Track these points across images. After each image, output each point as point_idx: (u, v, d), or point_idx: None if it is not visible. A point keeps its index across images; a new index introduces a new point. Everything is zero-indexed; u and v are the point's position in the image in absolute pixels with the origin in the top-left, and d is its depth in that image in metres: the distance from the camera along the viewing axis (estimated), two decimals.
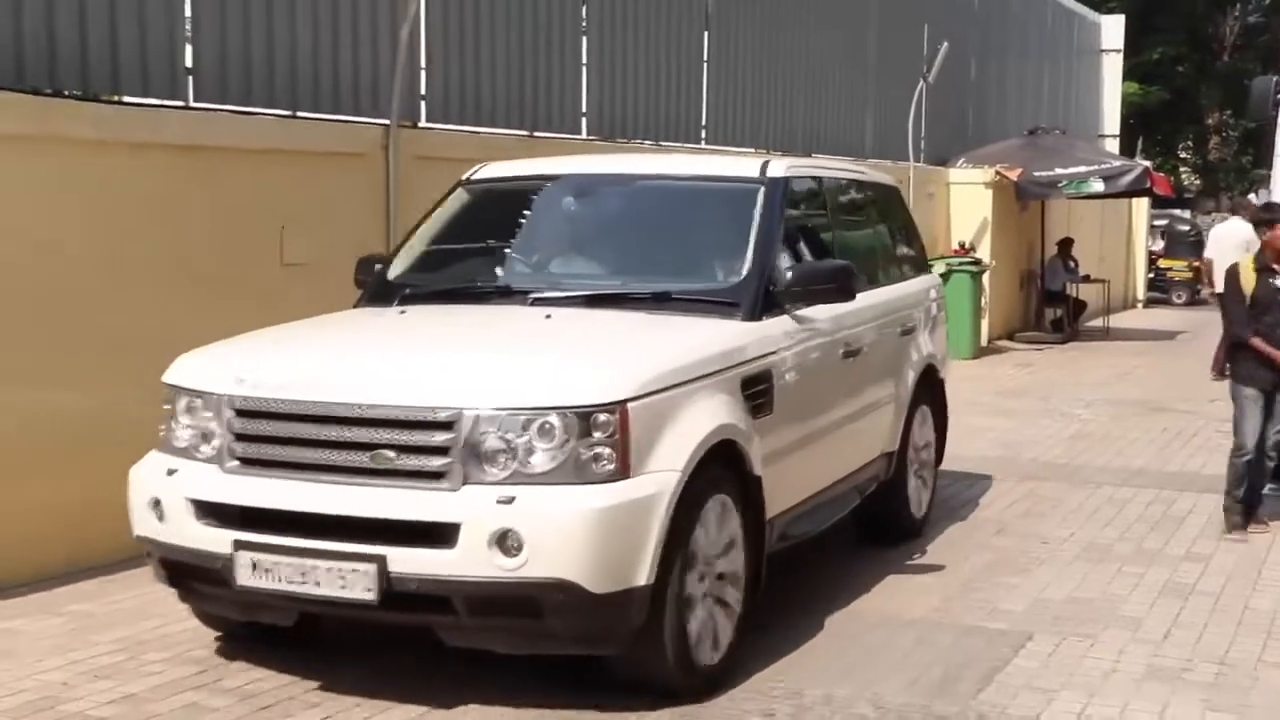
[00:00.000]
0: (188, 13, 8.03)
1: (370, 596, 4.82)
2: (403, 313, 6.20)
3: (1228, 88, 38.44)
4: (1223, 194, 39.78)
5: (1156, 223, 29.93)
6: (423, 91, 9.83)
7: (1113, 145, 27.00)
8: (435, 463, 4.89)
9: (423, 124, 9.78)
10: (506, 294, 6.34)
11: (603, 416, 4.87)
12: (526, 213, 7.04)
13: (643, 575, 4.85)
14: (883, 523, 7.74)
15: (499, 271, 6.68)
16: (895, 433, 7.58)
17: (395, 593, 4.80)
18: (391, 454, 4.92)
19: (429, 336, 5.90)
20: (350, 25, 9.20)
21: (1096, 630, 6.24)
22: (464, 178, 7.08)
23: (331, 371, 5.31)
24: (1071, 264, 20.72)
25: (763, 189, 6.49)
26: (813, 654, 5.82)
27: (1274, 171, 10.17)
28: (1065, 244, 20.74)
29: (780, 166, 6.80)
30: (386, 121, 8.93)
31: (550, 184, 7.16)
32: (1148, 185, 19.68)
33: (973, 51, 20.56)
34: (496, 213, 7.03)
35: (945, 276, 17.02)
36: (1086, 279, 21.27)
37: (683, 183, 7.05)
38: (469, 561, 4.74)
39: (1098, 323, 21.94)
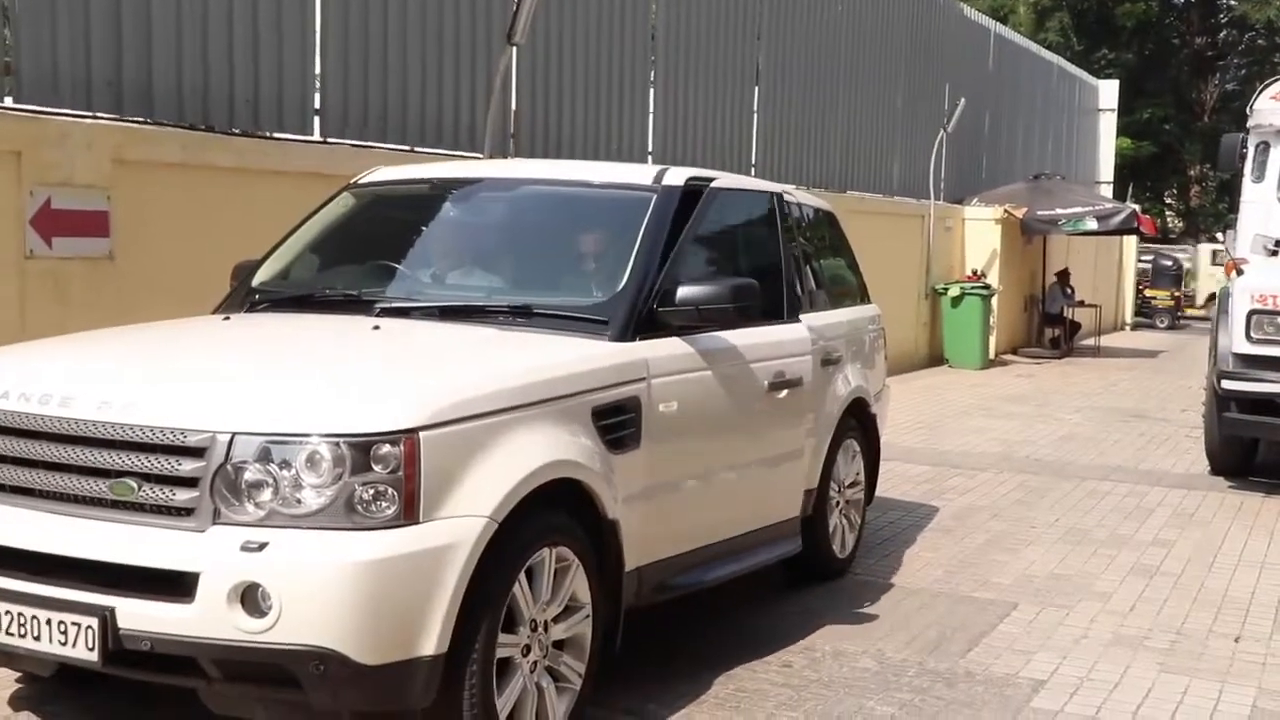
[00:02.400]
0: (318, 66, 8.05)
1: (92, 656, 3.43)
2: (225, 319, 4.83)
3: (1207, 144, 37.67)
4: (1201, 235, 39.15)
5: (1143, 258, 29.54)
6: (511, 130, 9.83)
7: (1107, 190, 26.65)
8: (181, 496, 3.47)
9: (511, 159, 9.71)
10: (355, 304, 4.79)
11: (384, 448, 3.43)
12: (406, 218, 5.52)
13: (430, 643, 3.46)
14: (802, 562, 6.01)
15: (357, 279, 5.13)
16: (815, 469, 5.85)
17: (126, 651, 3.42)
18: (133, 483, 3.52)
19: (217, 348, 4.37)
20: (453, 74, 9.24)
21: (1072, 602, 6.13)
22: (352, 181, 5.69)
23: (83, 383, 3.75)
24: (1068, 290, 20.47)
25: (654, 198, 4.97)
26: (829, 615, 5.76)
27: (1240, 216, 9.96)
28: (1063, 274, 20.51)
29: (678, 175, 5.19)
30: (479, 155, 8.92)
31: (435, 189, 5.60)
32: (1136, 225, 19.43)
33: (987, 107, 20.34)
34: (375, 218, 5.54)
35: (959, 299, 16.91)
36: (1081, 304, 21.01)
37: (571, 189, 5.38)
38: (209, 620, 3.36)
39: (1090, 342, 21.63)
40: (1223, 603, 6.23)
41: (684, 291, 4.65)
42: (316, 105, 8.18)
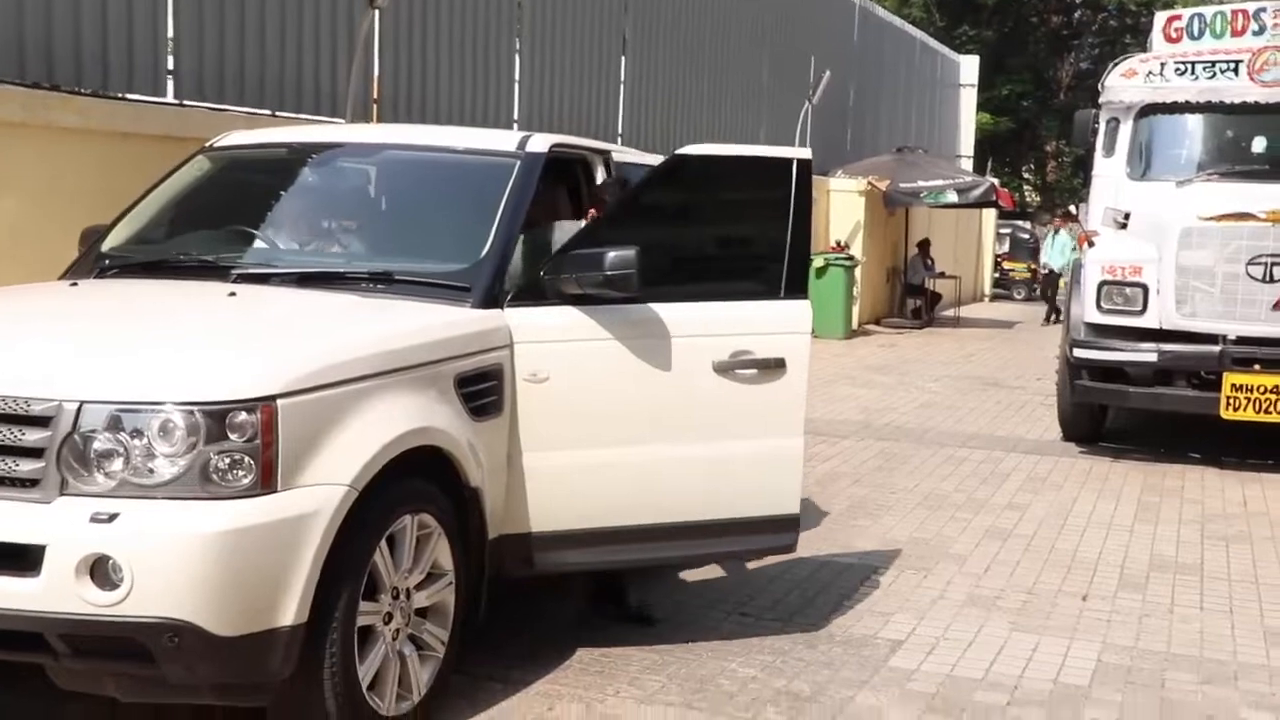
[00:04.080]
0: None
1: None
2: (73, 285, 4.65)
3: (1063, 121, 38.81)
4: (1057, 208, 40.36)
5: (1002, 230, 30.32)
6: (374, 95, 9.68)
7: (967, 164, 27.29)
8: (25, 467, 3.37)
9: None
10: (210, 270, 4.64)
11: (241, 415, 3.37)
12: (263, 183, 5.36)
13: (288, 614, 3.42)
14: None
15: (212, 245, 4.96)
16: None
17: None
18: None
19: (66, 314, 4.19)
20: (314, 37, 9.06)
21: (930, 565, 6.30)
22: (207, 144, 5.47)
23: None
24: (929, 262, 20.92)
25: (518, 164, 4.84)
26: (694, 580, 5.82)
27: (1092, 190, 10.29)
28: (924, 245, 20.95)
29: (542, 142, 5.03)
30: (340, 120, 8.78)
31: (293, 153, 5.44)
32: (994, 199, 20.02)
33: (851, 80, 20.65)
34: (232, 182, 5.34)
35: (823, 270, 17.17)
36: (942, 275, 21.50)
37: (433, 155, 5.23)
38: (55, 594, 3.26)
39: (950, 312, 22.16)
40: (1072, 563, 6.46)
41: (565, 260, 4.51)
42: (170, 66, 7.95)
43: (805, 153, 5.00)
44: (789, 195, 4.85)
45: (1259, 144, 9.77)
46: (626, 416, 4.63)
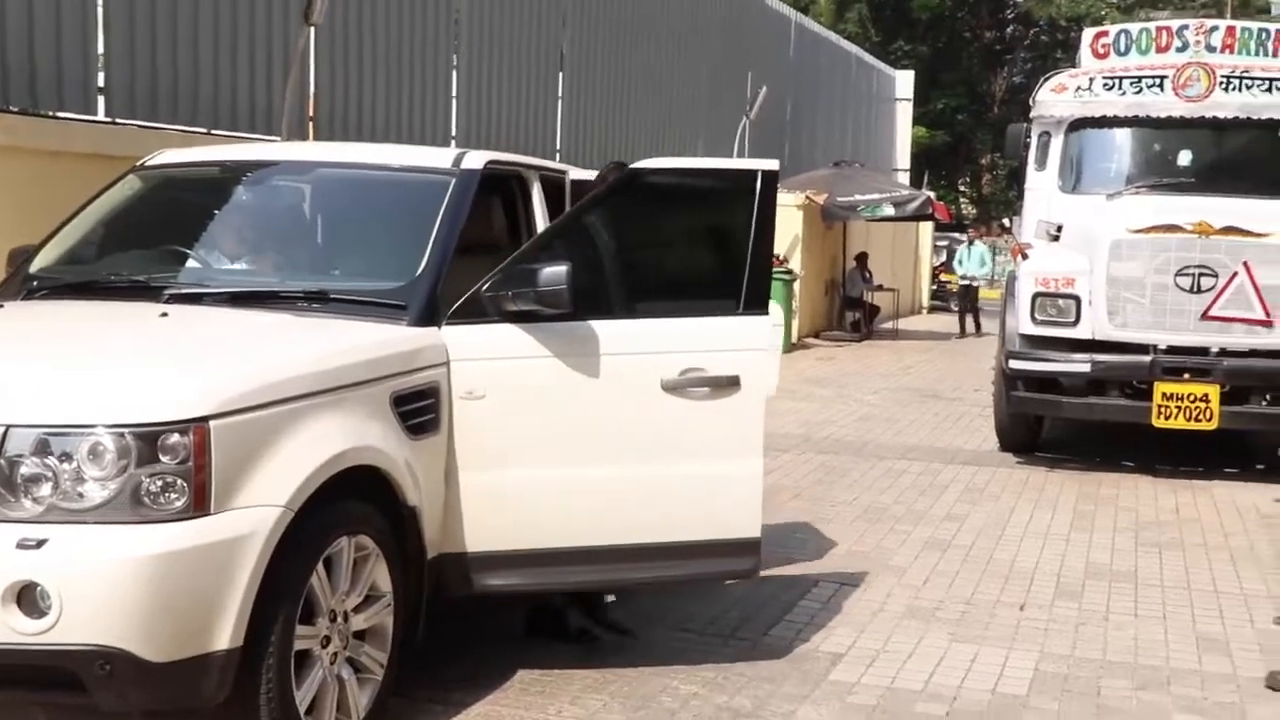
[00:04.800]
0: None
1: None
2: (0, 308, 4.54)
3: (997, 134, 39.41)
4: (993, 221, 40.86)
5: (939, 243, 30.63)
6: (310, 113, 9.62)
7: (903, 178, 27.57)
8: None
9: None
10: (142, 290, 4.56)
11: (173, 438, 3.31)
12: (197, 202, 5.26)
13: (223, 638, 3.36)
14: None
15: (144, 265, 4.87)
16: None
17: None
18: None
19: None
20: (248, 55, 8.98)
21: (870, 578, 6.33)
22: (138, 163, 5.34)
23: None
24: (867, 275, 21.09)
25: (454, 181, 4.77)
26: (632, 598, 5.80)
27: (1024, 203, 10.45)
28: (862, 258, 21.11)
29: (477, 158, 4.97)
30: (276, 138, 8.71)
31: (227, 172, 5.36)
32: (930, 211, 20.24)
33: (789, 95, 20.81)
34: (164, 201, 5.23)
35: None
36: (880, 288, 21.68)
37: (369, 172, 5.18)
38: None
39: (889, 325, 22.32)
40: (1010, 573, 6.52)
41: (501, 277, 4.43)
42: (100, 83, 7.85)
43: (771, 164, 4.85)
44: (752, 208, 4.73)
45: (1185, 157, 9.98)
46: (566, 435, 4.53)
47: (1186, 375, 8.93)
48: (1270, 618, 5.88)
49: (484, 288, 4.44)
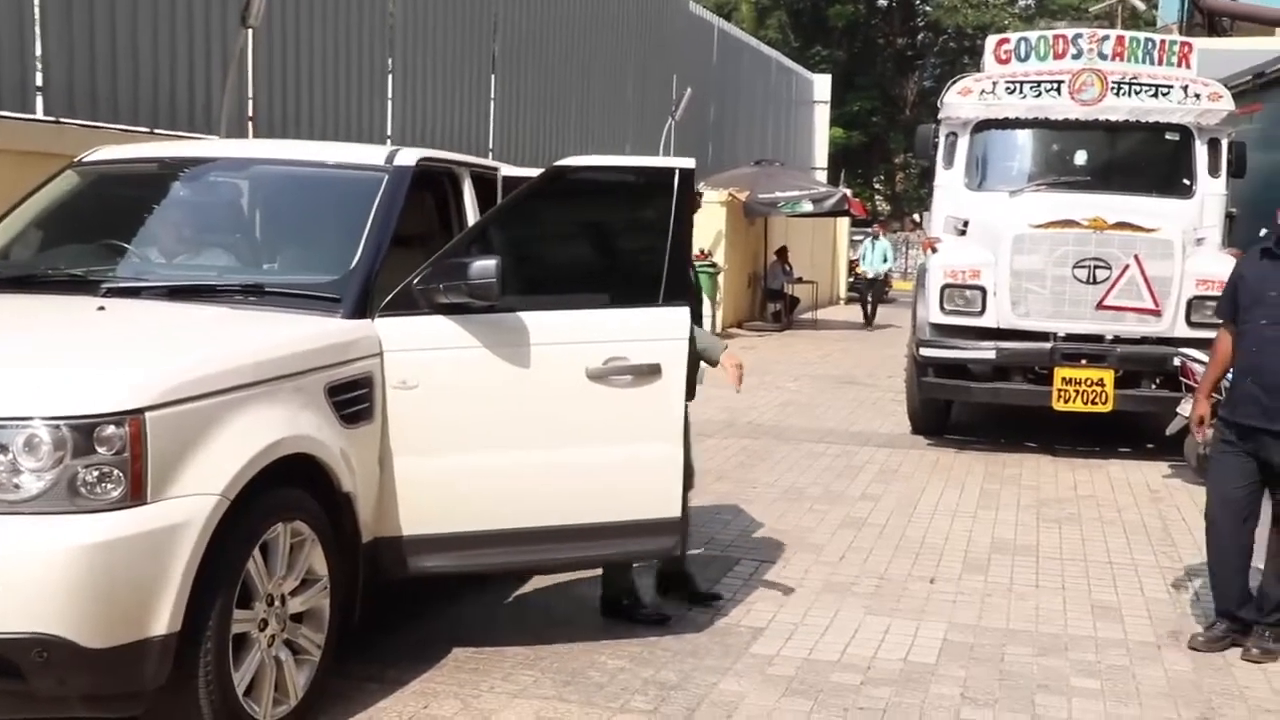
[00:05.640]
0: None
1: None
2: None
3: (909, 135, 39.85)
4: (906, 217, 41.29)
5: (855, 238, 30.87)
6: (249, 113, 9.47)
7: (821, 176, 27.71)
8: None
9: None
10: (79, 284, 4.45)
11: (109, 429, 3.26)
12: (134, 197, 5.14)
13: (161, 623, 3.32)
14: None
15: (82, 259, 4.79)
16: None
17: None
18: None
19: None
20: (187, 55, 8.82)
21: (789, 555, 6.36)
22: (75, 159, 5.22)
23: None
24: (788, 268, 21.18)
25: (387, 177, 4.71)
26: (564, 577, 5.79)
27: (934, 199, 10.55)
28: (782, 252, 21.20)
29: (410, 155, 4.90)
30: (215, 137, 8.56)
31: (164, 168, 5.26)
32: (847, 208, 20.41)
33: (712, 98, 20.84)
34: (101, 196, 5.11)
35: None
36: (800, 280, 21.79)
37: (304, 169, 5.10)
38: None
39: (808, 315, 22.47)
40: (921, 549, 6.59)
41: (432, 270, 4.39)
42: (39, 83, 7.66)
43: (688, 162, 4.84)
44: (670, 204, 4.71)
45: (1080, 157, 10.15)
46: (496, 422, 4.50)
47: (1084, 361, 9.08)
48: (1160, 586, 6.00)
49: (415, 281, 4.39)
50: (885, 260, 22.90)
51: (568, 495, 4.63)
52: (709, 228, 18.99)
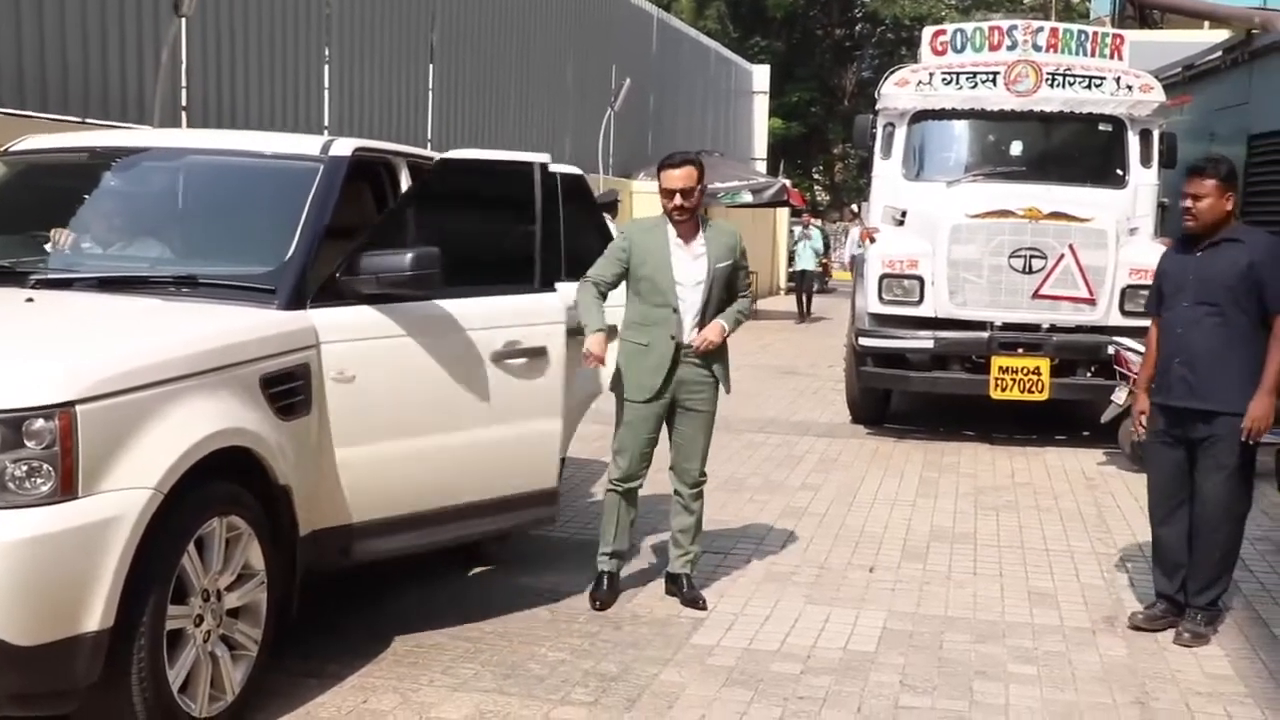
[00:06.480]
0: None
1: None
2: None
3: (848, 125, 40.11)
4: (845, 207, 41.55)
5: (794, 227, 31.02)
6: (183, 103, 9.32)
7: (761, 166, 27.83)
8: None
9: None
10: (6, 275, 4.36)
11: (38, 423, 3.21)
12: (63, 187, 5.07)
13: (93, 619, 3.26)
14: None
15: (9, 250, 4.67)
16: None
17: None
18: None
19: None
20: (119, 45, 8.66)
21: (729, 545, 6.37)
22: (2, 149, 5.13)
23: None
24: None
25: (322, 168, 4.64)
26: (502, 571, 5.76)
27: (872, 189, 10.61)
28: None
29: (345, 145, 4.83)
30: (149, 127, 8.42)
31: (95, 158, 5.16)
32: (786, 198, 20.53)
33: (651, 88, 20.83)
34: (29, 187, 5.04)
35: None
36: None
37: (238, 159, 5.02)
38: None
39: None
40: (860, 537, 6.64)
41: (363, 261, 4.38)
42: None
43: (544, 157, 5.13)
44: (533, 197, 5.00)
45: (1016, 148, 10.26)
46: (424, 407, 4.62)
47: (1020, 350, 9.19)
48: (1095, 572, 6.09)
49: (342, 270, 4.38)
50: (816, 257, 22.86)
51: (479, 473, 4.87)
52: None
